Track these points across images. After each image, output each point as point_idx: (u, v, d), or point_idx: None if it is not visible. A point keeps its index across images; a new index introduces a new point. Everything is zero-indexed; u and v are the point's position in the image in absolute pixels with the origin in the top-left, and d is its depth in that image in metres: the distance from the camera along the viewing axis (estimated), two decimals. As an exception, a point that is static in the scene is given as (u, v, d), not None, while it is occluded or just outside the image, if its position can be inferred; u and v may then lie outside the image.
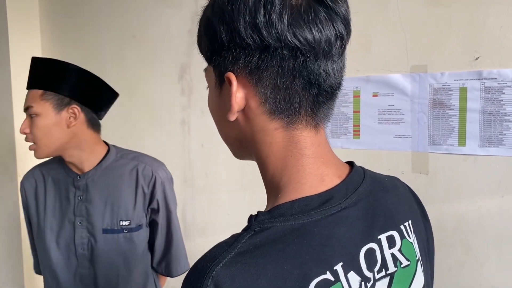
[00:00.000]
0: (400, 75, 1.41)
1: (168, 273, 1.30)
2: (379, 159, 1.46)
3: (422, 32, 1.37)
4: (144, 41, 1.91)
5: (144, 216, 1.23)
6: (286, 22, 0.46)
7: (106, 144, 1.27)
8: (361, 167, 0.58)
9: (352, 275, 0.48)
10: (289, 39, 0.46)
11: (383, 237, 0.53)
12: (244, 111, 0.51)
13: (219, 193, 1.80)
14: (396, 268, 0.53)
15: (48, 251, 1.22)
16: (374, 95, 1.46)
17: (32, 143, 1.14)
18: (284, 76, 0.48)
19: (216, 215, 1.80)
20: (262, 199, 0.56)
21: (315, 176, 0.51)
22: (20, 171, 2.15)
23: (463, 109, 1.32)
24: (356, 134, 1.50)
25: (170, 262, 1.29)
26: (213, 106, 0.56)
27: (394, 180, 0.63)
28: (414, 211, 0.62)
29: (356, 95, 1.48)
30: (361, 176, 0.56)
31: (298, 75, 0.48)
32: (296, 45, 0.46)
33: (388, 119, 1.44)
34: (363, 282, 0.49)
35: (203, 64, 0.56)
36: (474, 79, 1.30)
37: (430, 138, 1.38)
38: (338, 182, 0.52)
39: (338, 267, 0.47)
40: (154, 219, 1.25)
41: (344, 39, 0.49)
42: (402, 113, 1.42)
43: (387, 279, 0.52)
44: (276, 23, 0.46)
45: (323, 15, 0.47)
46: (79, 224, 1.19)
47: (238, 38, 0.48)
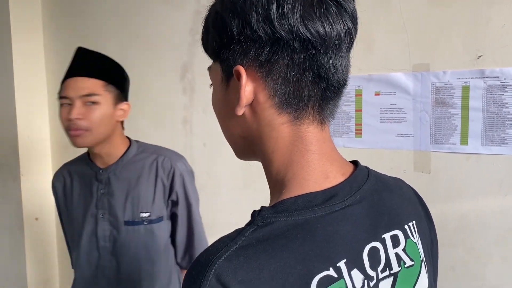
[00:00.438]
0: (402, 73, 1.41)
1: None
2: (381, 158, 1.46)
3: (424, 31, 1.37)
4: (147, 40, 1.91)
5: (165, 209, 1.25)
6: (298, 15, 0.47)
7: (128, 138, 1.31)
8: (365, 167, 0.58)
9: (356, 273, 0.48)
10: (301, 31, 0.47)
11: (387, 236, 0.53)
12: (251, 105, 0.52)
13: (221, 192, 1.81)
14: (400, 268, 0.53)
15: (75, 245, 1.26)
16: (376, 94, 1.45)
17: (79, 130, 1.14)
18: (294, 69, 0.48)
19: (218, 214, 1.80)
20: (264, 198, 0.56)
21: (319, 173, 0.51)
22: (23, 170, 2.16)
23: (465, 107, 1.32)
24: (358, 133, 1.50)
25: (193, 256, 1.31)
26: (217, 103, 0.56)
27: (398, 181, 0.63)
28: (418, 212, 0.61)
29: (358, 94, 1.48)
30: (365, 175, 0.56)
31: (308, 68, 0.48)
32: (308, 37, 0.47)
33: (390, 118, 1.44)
34: (366, 281, 0.49)
35: (205, 63, 0.56)
36: (477, 78, 1.30)
37: (432, 137, 1.38)
38: (342, 179, 0.52)
39: (342, 264, 0.47)
40: (174, 212, 1.28)
41: (352, 35, 0.50)
42: (404, 112, 1.41)
43: (391, 279, 0.52)
44: (289, 16, 0.47)
45: (334, 10, 0.48)
46: (101, 217, 1.22)
47: (249, 30, 0.48)
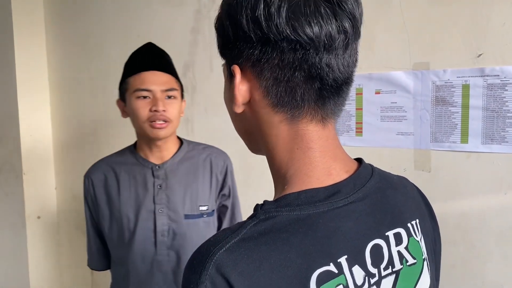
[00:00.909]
0: (402, 72, 1.41)
1: None
2: (382, 156, 1.46)
3: (424, 30, 1.37)
4: (148, 39, 1.91)
5: (215, 202, 1.30)
6: (284, 15, 0.46)
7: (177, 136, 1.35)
8: (369, 164, 0.58)
9: (357, 269, 0.48)
10: (287, 32, 0.46)
11: (390, 234, 0.53)
12: (250, 103, 0.52)
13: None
14: (402, 266, 0.53)
15: (125, 241, 1.24)
16: (376, 93, 1.46)
17: (162, 122, 1.20)
18: (284, 68, 0.48)
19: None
20: (266, 196, 0.56)
21: (322, 170, 0.51)
22: (25, 169, 2.17)
23: (465, 106, 1.32)
24: (359, 131, 1.50)
25: None
26: (226, 100, 0.57)
27: (402, 179, 0.63)
28: (422, 211, 0.61)
29: (359, 93, 1.48)
30: (369, 172, 0.56)
31: (299, 68, 0.48)
32: (294, 38, 0.46)
33: (391, 116, 1.44)
34: (367, 277, 0.49)
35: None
36: (477, 76, 1.30)
37: (432, 135, 1.38)
38: (345, 176, 0.52)
39: (342, 260, 0.47)
40: (224, 204, 1.34)
41: (348, 33, 0.48)
42: (404, 110, 1.42)
43: (393, 276, 0.52)
44: (275, 16, 0.46)
45: (324, 9, 0.47)
46: (160, 211, 1.23)
47: (241, 32, 0.49)
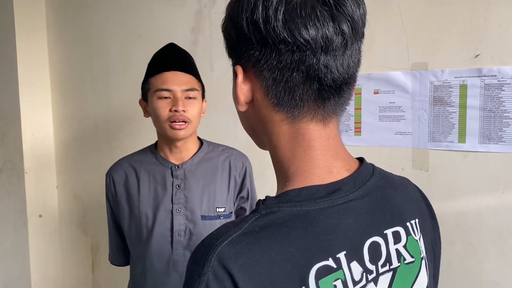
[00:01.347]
0: (401, 72, 1.42)
1: None
2: (380, 156, 1.47)
3: (422, 30, 1.38)
4: (149, 39, 1.93)
5: (233, 204, 1.30)
6: (281, 18, 0.47)
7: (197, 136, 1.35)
8: (371, 164, 0.59)
9: (355, 265, 0.49)
10: (284, 35, 0.47)
11: (389, 232, 0.54)
12: (253, 103, 0.54)
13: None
14: (399, 263, 0.54)
15: (142, 239, 1.24)
16: (375, 93, 1.47)
17: (182, 122, 1.20)
18: (283, 69, 0.50)
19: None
20: (264, 195, 0.57)
21: (323, 168, 0.52)
22: (26, 168, 2.18)
23: (463, 106, 1.33)
24: (358, 131, 1.51)
25: None
26: (233, 98, 0.58)
27: (404, 180, 0.63)
28: (422, 211, 0.62)
29: (358, 93, 1.49)
30: (370, 171, 0.56)
31: (296, 69, 0.49)
32: (291, 40, 0.47)
33: (389, 116, 1.45)
34: (365, 273, 0.50)
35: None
36: (474, 77, 1.31)
37: (430, 135, 1.39)
38: (346, 175, 0.53)
39: (341, 256, 0.48)
40: (242, 207, 1.33)
41: (346, 35, 0.49)
42: (402, 110, 1.43)
43: (390, 273, 0.53)
44: (272, 19, 0.47)
45: (321, 12, 0.47)
46: (177, 211, 1.23)
47: (242, 34, 0.50)
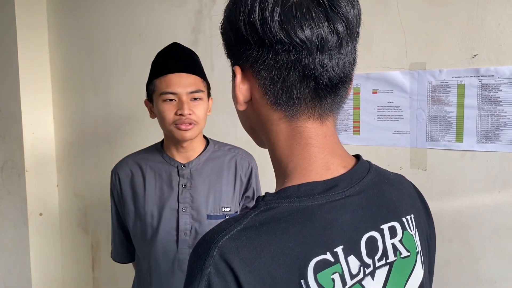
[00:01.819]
0: (399, 72, 1.43)
1: None
2: (379, 155, 1.49)
3: (421, 30, 1.39)
4: (150, 39, 1.94)
5: (239, 204, 1.30)
6: (277, 19, 0.48)
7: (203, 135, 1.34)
8: (367, 161, 0.60)
9: (352, 259, 0.50)
10: (281, 35, 0.48)
11: (385, 227, 0.55)
12: (251, 102, 0.55)
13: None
14: (396, 257, 0.55)
15: (148, 238, 1.24)
16: (373, 92, 1.48)
17: (190, 124, 1.19)
18: (280, 69, 0.51)
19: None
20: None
21: (321, 164, 0.53)
22: (27, 166, 2.19)
23: (460, 105, 1.35)
24: (356, 130, 1.52)
25: None
26: (232, 97, 0.59)
27: (399, 176, 0.65)
28: (417, 207, 0.63)
29: (356, 92, 1.51)
30: (366, 168, 0.58)
31: (293, 68, 0.50)
32: (287, 41, 0.49)
33: (388, 115, 1.47)
34: (362, 267, 0.51)
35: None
36: (472, 76, 1.32)
37: (428, 134, 1.41)
38: (343, 171, 0.55)
39: (339, 250, 0.50)
40: (248, 206, 1.33)
41: (340, 35, 0.50)
42: (401, 109, 1.44)
43: (387, 267, 0.54)
44: (268, 20, 0.48)
45: (316, 13, 0.49)
46: (183, 210, 1.23)
47: (240, 35, 0.51)
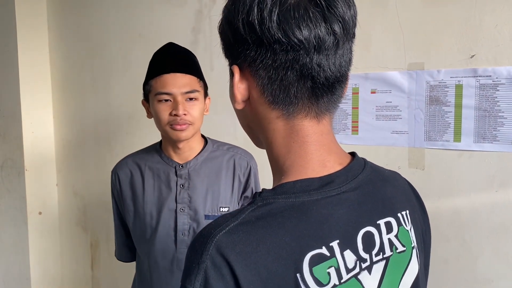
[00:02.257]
0: (397, 72, 1.44)
1: None
2: (377, 154, 1.50)
3: (419, 31, 1.40)
4: (149, 39, 1.95)
5: (237, 204, 1.29)
6: (275, 19, 0.49)
7: (202, 135, 1.33)
8: (362, 158, 0.61)
9: (348, 253, 0.51)
10: (279, 35, 0.49)
11: (381, 222, 0.56)
12: (249, 101, 0.56)
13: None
14: (392, 252, 0.56)
15: (147, 238, 1.25)
16: (372, 92, 1.49)
17: (184, 124, 1.18)
18: (277, 68, 0.51)
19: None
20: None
21: (317, 162, 0.54)
22: (27, 165, 2.20)
23: (458, 106, 1.35)
24: (355, 130, 1.53)
25: None
26: (230, 97, 0.60)
27: (394, 173, 0.66)
28: (412, 203, 0.64)
29: (355, 92, 1.51)
30: (361, 165, 0.59)
31: (291, 68, 0.51)
32: (285, 41, 0.49)
33: (386, 115, 1.47)
34: (358, 262, 0.52)
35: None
36: (470, 77, 1.33)
37: (426, 134, 1.42)
38: (339, 168, 0.56)
39: (334, 244, 0.50)
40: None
41: (337, 35, 0.51)
42: (399, 109, 1.45)
43: (383, 262, 0.55)
44: (267, 21, 0.49)
45: (313, 13, 0.49)
46: (181, 210, 1.23)
47: (238, 35, 0.52)
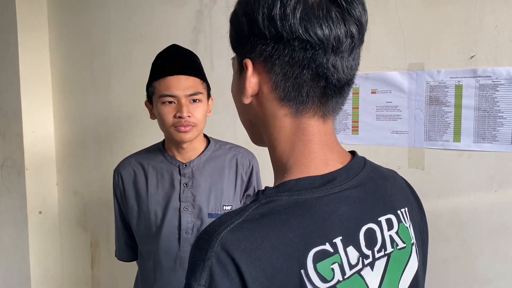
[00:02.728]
0: (397, 72, 1.44)
1: None
2: (377, 154, 1.50)
3: (419, 31, 1.40)
4: (150, 39, 1.95)
5: (240, 203, 1.30)
6: (298, 16, 0.50)
7: (204, 135, 1.34)
8: (362, 157, 0.62)
9: (351, 250, 0.52)
10: (300, 32, 0.50)
11: (382, 219, 0.57)
12: (258, 96, 0.56)
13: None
14: (393, 249, 0.57)
15: (151, 236, 1.25)
16: (372, 92, 1.49)
17: (188, 126, 1.19)
18: (294, 66, 0.52)
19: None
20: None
21: (320, 161, 0.55)
22: (27, 164, 2.20)
23: (458, 106, 1.36)
24: (355, 130, 1.54)
25: None
26: (234, 91, 0.60)
27: (392, 172, 0.67)
28: (410, 201, 0.65)
29: (355, 92, 1.52)
30: (361, 164, 0.60)
31: (307, 66, 0.51)
32: (306, 38, 0.50)
33: (386, 115, 1.48)
34: (361, 258, 0.53)
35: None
36: (469, 77, 1.34)
37: (426, 134, 1.42)
38: (340, 167, 0.56)
39: (338, 241, 0.51)
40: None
41: (354, 38, 0.52)
42: (399, 109, 1.45)
43: (385, 258, 0.56)
44: (290, 17, 0.50)
45: (335, 14, 0.50)
46: (185, 209, 1.24)
47: (256, 28, 0.52)
